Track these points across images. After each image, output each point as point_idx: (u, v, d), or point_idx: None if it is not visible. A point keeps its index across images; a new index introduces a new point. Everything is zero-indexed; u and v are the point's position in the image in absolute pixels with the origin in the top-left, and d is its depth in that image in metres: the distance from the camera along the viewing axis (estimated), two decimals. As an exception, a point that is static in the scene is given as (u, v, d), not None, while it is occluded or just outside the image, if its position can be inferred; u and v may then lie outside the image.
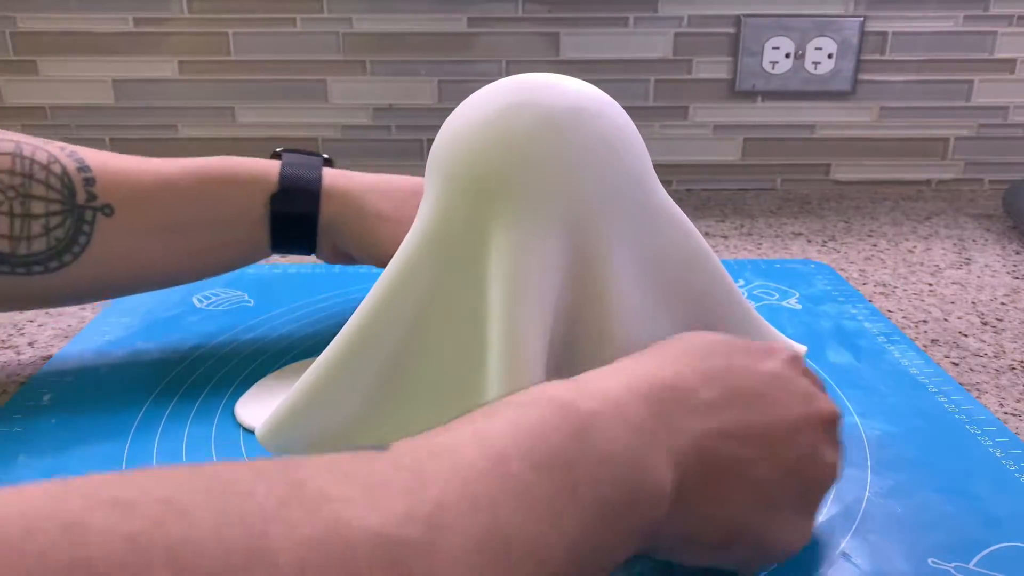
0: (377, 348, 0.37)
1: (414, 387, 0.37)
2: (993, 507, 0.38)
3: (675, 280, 0.38)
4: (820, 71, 0.90)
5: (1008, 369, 0.52)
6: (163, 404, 0.46)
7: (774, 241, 0.77)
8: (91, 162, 0.47)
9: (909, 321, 0.59)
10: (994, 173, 0.95)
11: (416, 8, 0.88)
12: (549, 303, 0.34)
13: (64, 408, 0.46)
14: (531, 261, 0.34)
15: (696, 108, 0.92)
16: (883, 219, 0.84)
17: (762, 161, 0.94)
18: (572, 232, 0.35)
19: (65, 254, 0.46)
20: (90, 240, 0.46)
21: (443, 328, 0.36)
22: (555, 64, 0.89)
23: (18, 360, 0.53)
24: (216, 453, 0.42)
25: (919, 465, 0.41)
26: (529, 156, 0.34)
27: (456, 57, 0.90)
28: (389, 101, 0.91)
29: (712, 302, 0.40)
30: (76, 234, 0.45)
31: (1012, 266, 0.71)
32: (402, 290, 0.36)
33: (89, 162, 0.46)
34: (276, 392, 0.46)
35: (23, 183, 0.45)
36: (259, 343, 0.54)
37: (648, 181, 0.38)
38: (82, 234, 0.46)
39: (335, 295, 0.61)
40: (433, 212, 0.36)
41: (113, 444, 0.42)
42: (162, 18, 0.87)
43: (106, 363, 0.51)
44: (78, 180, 0.46)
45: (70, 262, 0.46)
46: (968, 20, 0.89)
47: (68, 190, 0.45)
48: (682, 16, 0.89)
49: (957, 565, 0.34)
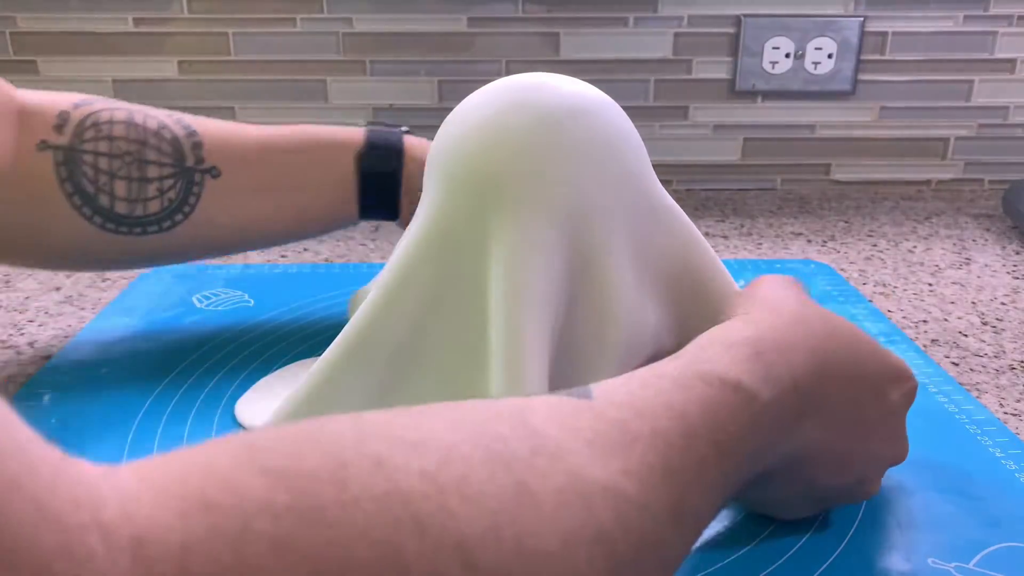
0: (378, 348, 0.37)
1: (416, 386, 0.37)
2: (993, 507, 0.38)
3: (672, 276, 0.38)
4: (820, 71, 0.90)
5: (1008, 369, 0.52)
6: (163, 404, 0.46)
7: (774, 241, 0.77)
8: (197, 127, 0.50)
9: (909, 321, 0.59)
10: (994, 173, 0.95)
11: (416, 8, 0.88)
12: (549, 301, 0.34)
13: (64, 408, 0.46)
14: (531, 260, 0.34)
15: (696, 108, 0.92)
16: (883, 219, 0.84)
17: (762, 161, 0.94)
18: (571, 230, 0.35)
19: (176, 214, 0.49)
20: (199, 200, 0.49)
21: (444, 327, 0.36)
22: (555, 64, 0.89)
23: (18, 360, 0.53)
24: (216, 453, 0.42)
25: (919, 465, 0.41)
26: (527, 155, 0.34)
27: (456, 57, 0.90)
28: (389, 101, 0.91)
29: (710, 299, 0.39)
30: (186, 195, 0.48)
31: (1012, 266, 0.71)
32: (402, 290, 0.36)
33: (195, 127, 0.50)
34: (276, 392, 0.46)
35: (138, 149, 0.48)
36: (259, 343, 0.54)
37: (646, 179, 0.38)
38: (192, 195, 0.49)
39: (335, 295, 0.61)
40: (432, 212, 0.36)
41: (113, 444, 0.42)
42: (162, 18, 0.87)
43: (106, 363, 0.51)
44: (187, 144, 0.49)
45: (180, 221, 0.49)
46: (968, 20, 0.89)
47: (178, 154, 0.48)
48: (682, 16, 0.89)
49: (957, 565, 0.34)
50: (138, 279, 0.65)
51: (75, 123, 0.47)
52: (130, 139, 0.47)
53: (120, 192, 0.47)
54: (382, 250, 0.74)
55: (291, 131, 0.52)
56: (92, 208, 0.47)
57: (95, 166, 0.47)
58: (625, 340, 0.35)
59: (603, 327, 0.35)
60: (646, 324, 0.37)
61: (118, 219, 0.48)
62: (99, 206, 0.47)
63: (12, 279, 0.67)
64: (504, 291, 0.34)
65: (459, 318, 0.36)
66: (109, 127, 0.47)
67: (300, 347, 0.53)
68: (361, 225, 0.80)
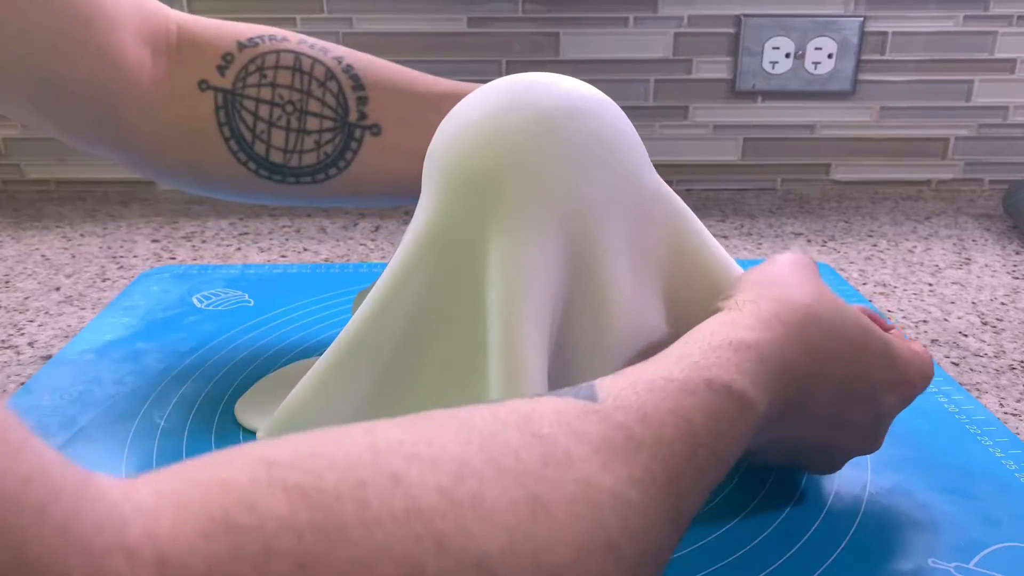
0: (378, 348, 0.37)
1: (416, 386, 0.37)
2: (993, 507, 0.38)
3: (667, 265, 0.38)
4: (820, 71, 0.90)
5: (1008, 369, 0.52)
6: (163, 404, 0.46)
7: (774, 241, 0.77)
8: (365, 78, 0.48)
9: (909, 321, 0.59)
10: (994, 173, 0.95)
11: (416, 8, 0.88)
12: (547, 302, 0.34)
13: (64, 408, 0.46)
14: (528, 260, 0.34)
15: (696, 108, 0.92)
16: (883, 219, 0.84)
17: (762, 161, 0.94)
18: (569, 230, 0.35)
19: (331, 168, 0.47)
20: (355, 156, 0.48)
21: (443, 327, 0.36)
22: (555, 64, 0.89)
23: (18, 360, 0.53)
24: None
25: (919, 465, 0.41)
26: (525, 155, 0.34)
27: (456, 57, 0.90)
28: (389, 101, 0.91)
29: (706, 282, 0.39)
30: (344, 150, 0.47)
31: (1012, 266, 0.71)
32: (402, 290, 0.36)
33: (364, 79, 0.48)
34: (276, 392, 0.46)
35: (301, 98, 0.46)
36: (259, 343, 0.54)
37: (644, 176, 0.38)
38: (349, 150, 0.47)
39: (335, 295, 0.61)
40: (431, 211, 0.36)
41: (113, 444, 0.42)
42: (162, 18, 0.87)
43: (106, 363, 0.51)
44: (352, 99, 0.47)
45: (334, 175, 0.48)
46: (968, 20, 0.89)
47: (342, 108, 0.47)
48: (682, 16, 0.89)
49: (957, 565, 0.34)
50: (138, 279, 0.65)
51: (240, 66, 0.46)
52: (294, 88, 0.46)
53: (277, 142, 0.46)
54: (382, 250, 0.74)
55: (459, 89, 0.50)
56: (247, 154, 0.46)
57: (255, 113, 0.46)
58: (622, 337, 0.35)
59: (601, 326, 0.35)
60: (643, 319, 0.37)
61: (272, 167, 0.47)
62: (254, 153, 0.46)
63: (12, 279, 0.67)
64: (502, 291, 0.34)
65: (457, 318, 0.36)
66: (274, 73, 0.46)
67: (300, 347, 0.53)
68: (361, 225, 0.80)
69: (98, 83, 0.42)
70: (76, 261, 0.72)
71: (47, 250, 0.74)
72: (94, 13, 0.41)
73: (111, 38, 0.42)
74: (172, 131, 0.45)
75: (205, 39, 0.46)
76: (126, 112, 0.44)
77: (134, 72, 0.43)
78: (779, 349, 0.31)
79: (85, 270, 0.69)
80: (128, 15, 0.43)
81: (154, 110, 0.45)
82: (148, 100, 0.44)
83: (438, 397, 0.37)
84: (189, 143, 0.46)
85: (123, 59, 0.43)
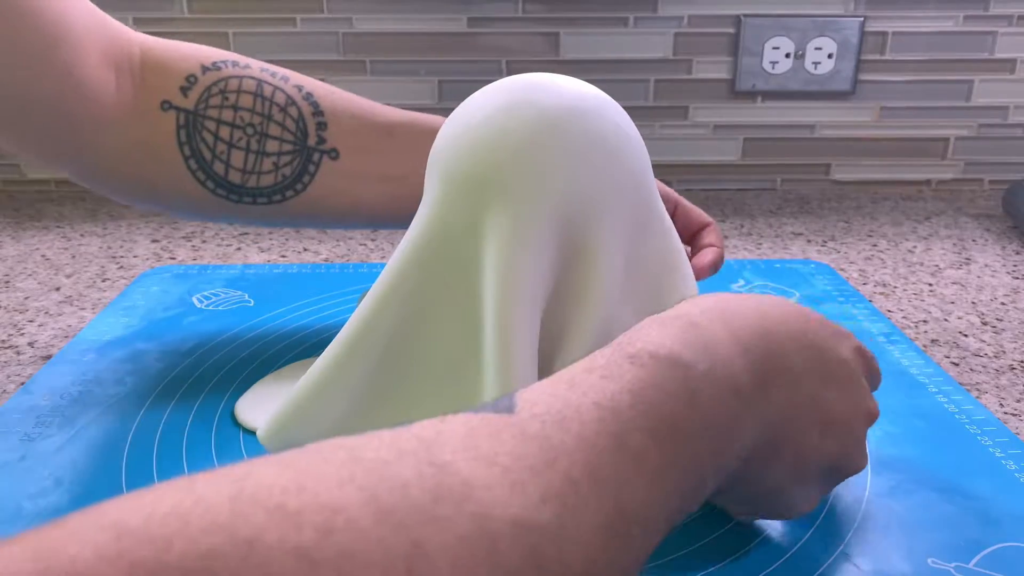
0: (377, 347, 0.37)
1: (414, 385, 0.37)
2: (993, 507, 0.38)
3: (652, 281, 0.38)
4: (820, 71, 0.90)
5: (1008, 369, 0.52)
6: (163, 404, 0.46)
7: (774, 241, 0.77)
8: (324, 105, 0.49)
9: (909, 321, 0.59)
10: (994, 173, 0.95)
11: (416, 8, 0.88)
12: (540, 299, 0.35)
13: (64, 408, 0.46)
14: (525, 260, 0.34)
15: (696, 108, 0.92)
16: (883, 219, 0.84)
17: (762, 161, 0.94)
18: (566, 230, 0.35)
19: (288, 190, 0.49)
20: (313, 179, 0.49)
21: (440, 326, 0.36)
22: (555, 64, 0.89)
23: (18, 360, 0.53)
24: (216, 453, 0.42)
25: (919, 465, 0.41)
26: (527, 154, 0.34)
27: (456, 57, 0.90)
28: (389, 101, 0.91)
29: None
30: (302, 173, 0.48)
31: (1012, 266, 0.71)
32: (401, 289, 0.36)
33: (323, 105, 0.49)
34: (276, 392, 0.46)
35: (261, 122, 0.47)
36: (259, 343, 0.54)
37: (645, 180, 0.38)
38: (307, 173, 0.48)
39: (335, 295, 0.62)
40: (432, 211, 0.36)
41: (113, 444, 0.42)
42: (162, 18, 0.87)
43: (106, 363, 0.51)
44: (311, 124, 0.48)
45: (291, 197, 0.49)
46: (968, 20, 0.89)
47: (301, 132, 0.48)
48: (682, 16, 0.89)
49: (957, 565, 0.34)
50: (138, 279, 0.65)
51: (202, 88, 0.47)
52: (255, 111, 0.47)
53: (236, 162, 0.47)
54: (382, 250, 0.74)
55: (417, 119, 0.51)
56: (206, 174, 0.47)
57: (215, 134, 0.47)
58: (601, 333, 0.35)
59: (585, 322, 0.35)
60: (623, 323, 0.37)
61: (230, 187, 0.48)
62: (213, 172, 0.47)
63: (12, 279, 0.67)
64: (498, 289, 0.34)
65: (454, 316, 0.36)
66: (236, 96, 0.47)
67: (300, 347, 0.53)
68: (361, 225, 0.80)
69: (62, 102, 0.43)
70: (76, 261, 0.72)
71: (47, 250, 0.74)
72: (62, 34, 0.42)
73: (77, 58, 0.43)
74: (132, 149, 0.46)
75: (169, 61, 0.47)
76: (87, 130, 0.45)
77: (97, 92, 0.44)
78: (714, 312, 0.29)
79: (85, 270, 0.69)
80: (94, 36, 0.44)
81: (115, 129, 0.45)
82: (110, 119, 0.45)
83: (435, 394, 0.37)
84: (149, 161, 0.47)
85: (87, 79, 0.43)
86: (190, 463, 0.41)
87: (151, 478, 0.40)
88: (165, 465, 0.41)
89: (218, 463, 0.41)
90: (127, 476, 0.40)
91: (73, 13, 0.43)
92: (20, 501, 0.38)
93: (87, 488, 0.39)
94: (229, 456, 0.42)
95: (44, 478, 0.40)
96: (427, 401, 0.37)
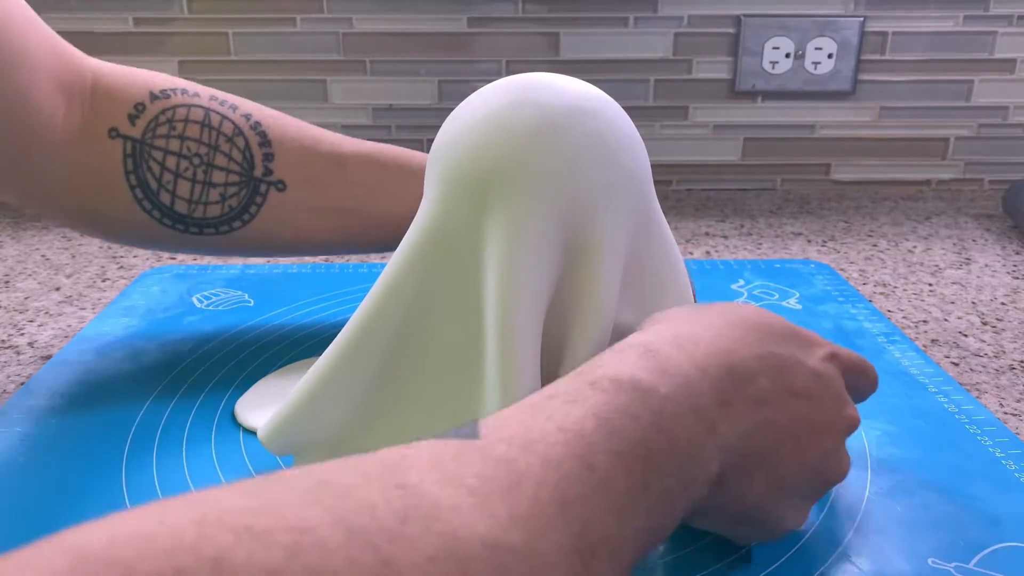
0: (378, 346, 0.37)
1: (415, 384, 0.37)
2: (993, 507, 0.38)
3: (652, 287, 0.38)
4: (820, 71, 0.90)
5: (1008, 369, 0.52)
6: (163, 404, 0.46)
7: (774, 241, 0.77)
8: (272, 136, 0.49)
9: (909, 321, 0.59)
10: (994, 173, 0.95)
11: (416, 8, 0.88)
12: (543, 300, 0.35)
13: (64, 408, 0.46)
14: (526, 260, 0.34)
15: (696, 108, 0.92)
16: (883, 219, 0.84)
17: (762, 161, 0.94)
18: (567, 230, 0.35)
19: (236, 220, 0.49)
20: (260, 211, 0.49)
21: (441, 325, 0.36)
22: (555, 64, 0.89)
23: (18, 360, 0.53)
24: (216, 453, 0.42)
25: (919, 465, 0.41)
26: (527, 154, 0.34)
27: (456, 57, 0.90)
28: (389, 101, 0.91)
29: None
30: (249, 204, 0.48)
31: (1012, 266, 0.71)
32: (402, 288, 0.36)
33: (271, 136, 0.49)
34: (276, 392, 0.46)
35: (208, 152, 0.47)
36: (259, 343, 0.54)
37: (647, 184, 0.38)
38: (254, 204, 0.48)
39: (335, 295, 0.62)
40: (432, 210, 0.36)
41: (113, 444, 0.42)
42: (162, 18, 0.87)
43: (106, 363, 0.51)
44: (258, 155, 0.48)
45: (239, 228, 0.49)
46: (968, 20, 0.89)
47: (248, 163, 0.48)
48: (682, 16, 0.89)
49: (957, 565, 0.34)
50: (138, 279, 0.65)
51: (150, 117, 0.47)
52: (202, 141, 0.47)
53: (182, 192, 0.47)
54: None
55: (369, 151, 0.51)
56: (152, 203, 0.47)
57: (162, 163, 0.46)
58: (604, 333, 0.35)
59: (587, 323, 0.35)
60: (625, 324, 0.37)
61: (175, 217, 0.48)
62: (159, 202, 0.47)
63: (12, 279, 0.67)
64: (499, 289, 0.34)
65: (455, 316, 0.36)
66: (183, 126, 0.47)
67: (300, 347, 0.53)
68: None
69: (11, 128, 0.43)
70: (76, 261, 0.72)
71: (47, 250, 0.74)
72: (17, 60, 0.42)
73: (30, 84, 0.43)
74: (78, 177, 0.46)
75: (118, 88, 0.47)
76: (34, 157, 0.45)
77: (48, 118, 0.44)
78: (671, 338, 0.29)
79: (85, 270, 0.69)
80: (50, 61, 0.44)
81: (62, 156, 0.45)
82: (58, 146, 0.45)
83: (436, 394, 0.37)
84: (94, 189, 0.47)
85: (39, 105, 0.43)
86: (190, 463, 0.41)
87: (151, 478, 0.40)
88: (165, 465, 0.41)
89: (218, 463, 0.41)
90: (127, 476, 0.40)
91: (33, 37, 0.43)
92: (20, 502, 0.38)
93: (87, 488, 0.39)
94: (229, 456, 0.42)
95: (44, 478, 0.40)
96: (428, 401, 0.37)
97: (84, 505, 0.38)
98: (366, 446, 0.37)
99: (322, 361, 0.37)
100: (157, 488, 0.39)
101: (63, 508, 0.37)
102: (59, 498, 0.38)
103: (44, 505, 0.38)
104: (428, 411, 0.37)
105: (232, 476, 0.40)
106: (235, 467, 0.41)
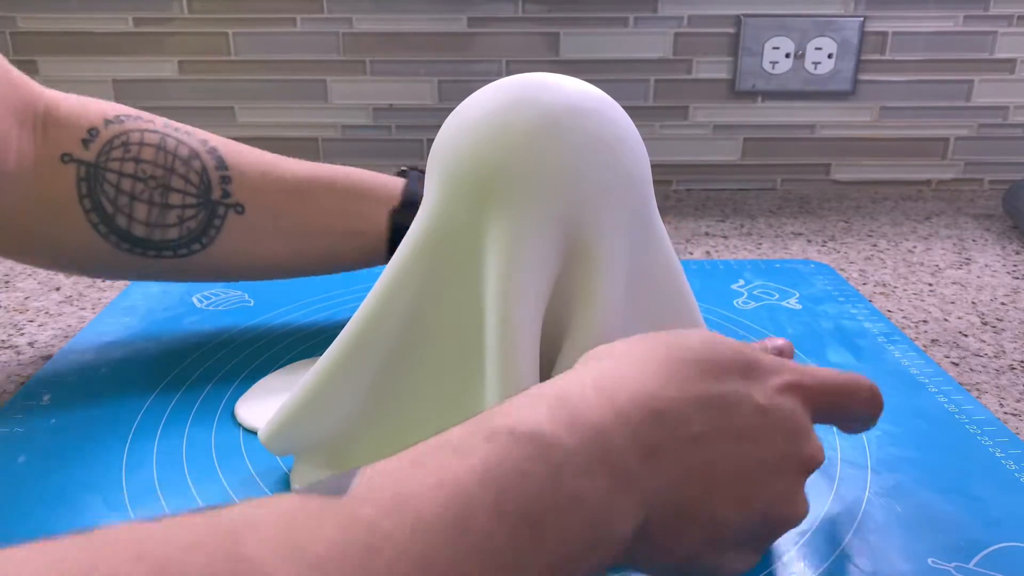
0: (378, 347, 0.37)
1: (415, 385, 0.37)
2: (993, 507, 0.38)
3: (648, 290, 0.38)
4: (820, 71, 0.90)
5: (1008, 369, 0.52)
6: (163, 404, 0.46)
7: (774, 241, 0.77)
8: (229, 160, 0.49)
9: (909, 321, 0.59)
10: (994, 173, 0.95)
11: (416, 8, 0.88)
12: (543, 300, 0.35)
13: (64, 408, 0.46)
14: (526, 259, 0.34)
15: (696, 108, 0.92)
16: (883, 219, 0.84)
17: (762, 161, 0.94)
18: (567, 230, 0.35)
19: (194, 243, 0.48)
20: (219, 233, 0.48)
21: (441, 324, 0.36)
22: (555, 64, 0.89)
23: (18, 360, 0.53)
24: (216, 453, 0.42)
25: (919, 465, 0.41)
26: (528, 154, 0.34)
27: (456, 57, 0.90)
28: (389, 101, 0.91)
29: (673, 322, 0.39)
30: (207, 227, 0.48)
31: (1012, 266, 0.71)
32: (402, 288, 0.36)
33: (227, 160, 0.49)
34: (276, 392, 0.46)
35: (164, 175, 0.47)
36: (259, 343, 0.54)
37: (647, 184, 0.38)
38: (212, 227, 0.48)
39: (335, 295, 0.62)
40: (432, 210, 0.36)
41: (113, 444, 0.42)
42: (162, 18, 0.87)
43: (106, 363, 0.51)
44: (215, 177, 0.48)
45: (198, 251, 0.48)
46: (968, 20, 0.89)
47: (205, 186, 0.48)
48: (682, 16, 0.89)
49: (957, 565, 0.34)
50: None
51: (104, 140, 0.46)
52: (157, 164, 0.47)
53: (139, 215, 0.47)
54: (382, 250, 0.74)
55: (329, 175, 0.51)
56: (108, 227, 0.46)
57: (117, 186, 0.46)
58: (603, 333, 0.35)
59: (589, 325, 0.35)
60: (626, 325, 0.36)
61: (133, 240, 0.47)
62: (116, 226, 0.46)
63: (12, 279, 0.67)
64: (499, 289, 0.34)
65: (455, 315, 0.36)
66: (138, 149, 0.46)
67: (300, 347, 0.53)
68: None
69: None
70: (76, 261, 0.72)
71: (47, 250, 0.74)
72: None
73: None
74: (30, 204, 0.46)
75: (71, 115, 0.47)
76: None
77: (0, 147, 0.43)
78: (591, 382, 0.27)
79: (85, 270, 0.69)
80: (2, 90, 0.44)
81: (13, 184, 0.45)
82: (9, 174, 0.44)
83: (439, 394, 0.37)
84: (49, 217, 0.46)
85: None
86: (190, 463, 0.41)
87: (151, 478, 0.40)
88: (165, 465, 0.41)
89: (218, 463, 0.41)
90: (127, 476, 0.40)
91: None
92: (20, 502, 0.38)
93: (87, 488, 0.39)
94: (229, 456, 0.42)
95: (44, 478, 0.40)
96: (429, 401, 0.37)
97: (84, 505, 0.38)
98: (366, 446, 0.38)
99: (323, 361, 0.37)
100: (157, 488, 0.39)
101: (63, 508, 0.38)
102: (59, 498, 0.38)
103: (44, 505, 0.38)
104: (428, 411, 0.37)
105: (232, 476, 0.40)
106: (235, 467, 0.41)
